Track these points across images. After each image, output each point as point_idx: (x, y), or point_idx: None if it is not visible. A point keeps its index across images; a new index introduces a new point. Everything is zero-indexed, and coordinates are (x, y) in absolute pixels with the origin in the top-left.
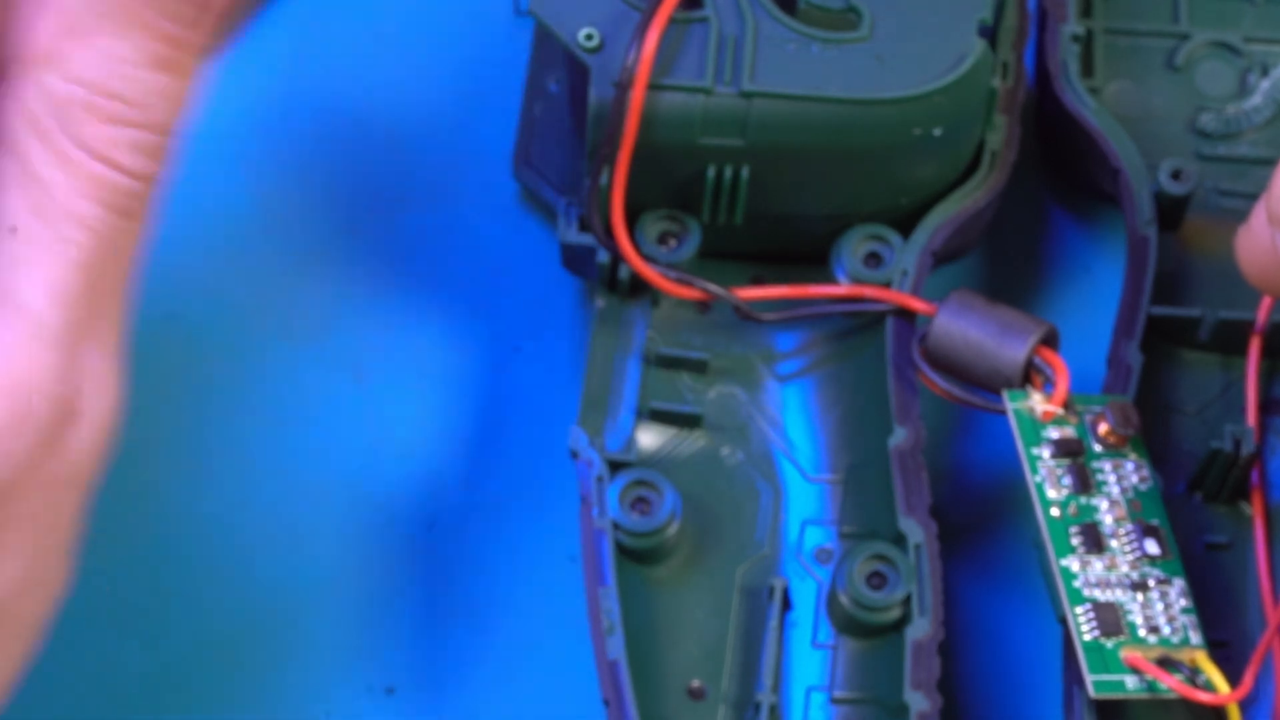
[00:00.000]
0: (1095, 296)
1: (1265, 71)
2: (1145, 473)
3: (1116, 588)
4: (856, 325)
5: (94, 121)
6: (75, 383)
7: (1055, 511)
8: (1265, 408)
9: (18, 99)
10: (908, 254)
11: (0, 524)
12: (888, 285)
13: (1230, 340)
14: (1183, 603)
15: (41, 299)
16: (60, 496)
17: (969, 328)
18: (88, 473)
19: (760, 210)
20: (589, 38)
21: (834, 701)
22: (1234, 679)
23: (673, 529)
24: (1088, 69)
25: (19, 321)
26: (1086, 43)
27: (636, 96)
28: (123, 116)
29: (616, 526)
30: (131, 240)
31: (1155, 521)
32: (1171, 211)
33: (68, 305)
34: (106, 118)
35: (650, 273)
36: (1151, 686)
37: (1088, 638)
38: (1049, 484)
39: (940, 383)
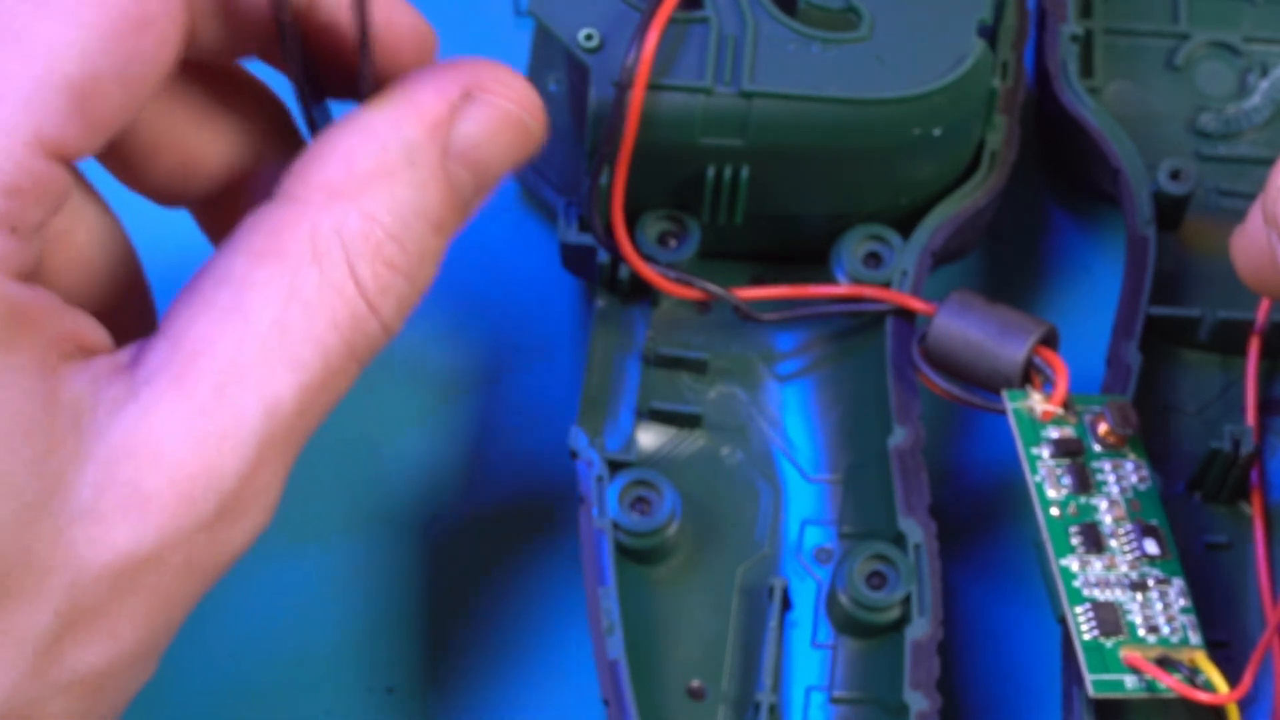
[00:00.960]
0: (1095, 296)
1: (1265, 71)
2: (1145, 473)
3: (1116, 587)
4: (856, 325)
5: (375, 262)
6: (249, 492)
7: (1055, 511)
8: (1264, 408)
9: (308, 220)
10: (907, 254)
11: (133, 590)
12: (887, 285)
13: (1230, 340)
14: (1182, 602)
15: (257, 407)
16: (190, 583)
17: (969, 328)
18: (220, 571)
19: (760, 210)
20: (589, 38)
21: (833, 701)
22: (1233, 679)
23: (673, 529)
24: (1087, 69)
25: (228, 419)
26: (1086, 43)
27: (636, 96)
28: (399, 265)
29: (616, 526)
30: (351, 380)
31: (1154, 521)
32: (1171, 211)
33: (276, 420)
34: (387, 262)
35: (650, 273)
36: (1151, 686)
37: (1087, 637)
38: (1048, 484)
39: (940, 383)
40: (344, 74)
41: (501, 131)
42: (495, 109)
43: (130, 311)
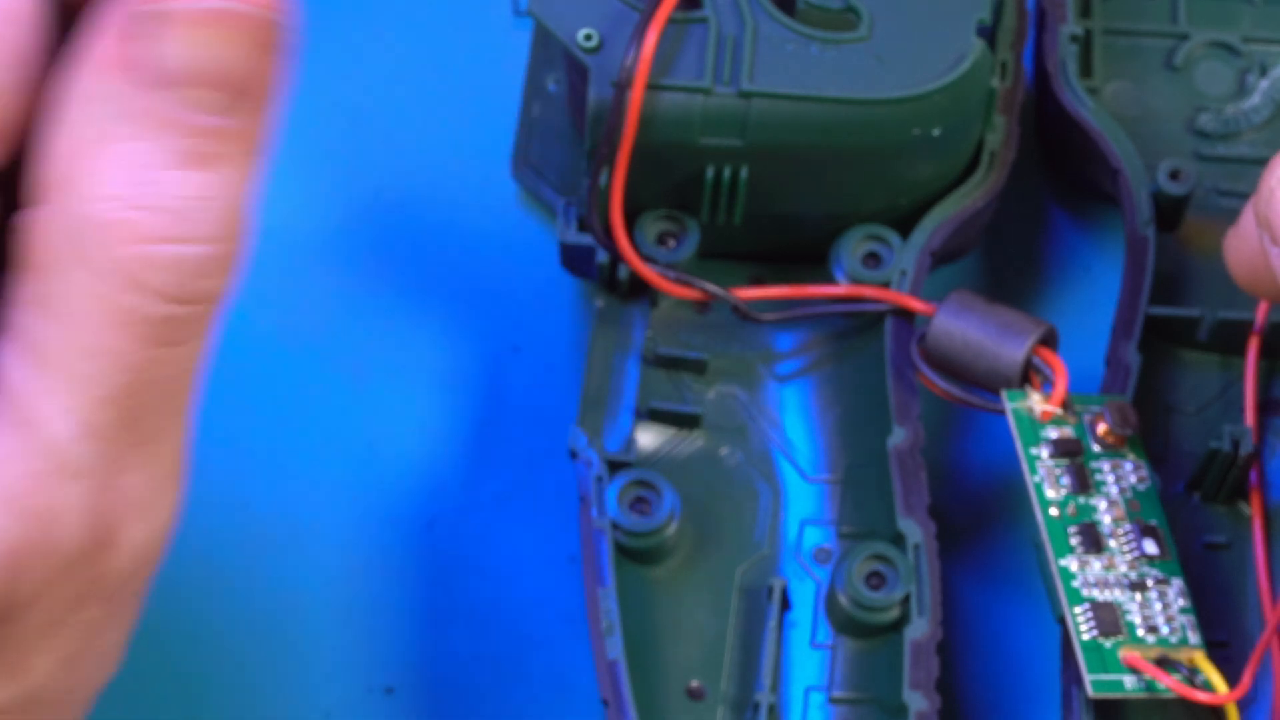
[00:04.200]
0: (1094, 296)
1: (1264, 71)
2: (1144, 473)
3: (1115, 587)
4: (855, 325)
5: (120, 243)
6: (110, 512)
7: (1054, 511)
8: (1264, 408)
9: (36, 228)
10: (907, 254)
11: (23, 637)
12: (887, 285)
13: (1229, 340)
14: (1181, 603)
15: (67, 432)
16: (96, 610)
17: (968, 328)
18: (128, 589)
19: (759, 210)
20: (588, 38)
21: (833, 701)
22: (1232, 679)
23: (672, 529)
24: (1086, 69)
25: (42, 454)
26: (1085, 43)
27: (635, 96)
28: (155, 232)
29: (616, 526)
30: (181, 367)
31: (1154, 521)
32: (1170, 211)
33: (99, 439)
34: (135, 237)
35: (649, 273)
36: (1150, 686)
37: (1086, 637)
38: (1048, 484)
39: (939, 383)
40: None
41: (206, 31)
42: (184, 14)
43: None
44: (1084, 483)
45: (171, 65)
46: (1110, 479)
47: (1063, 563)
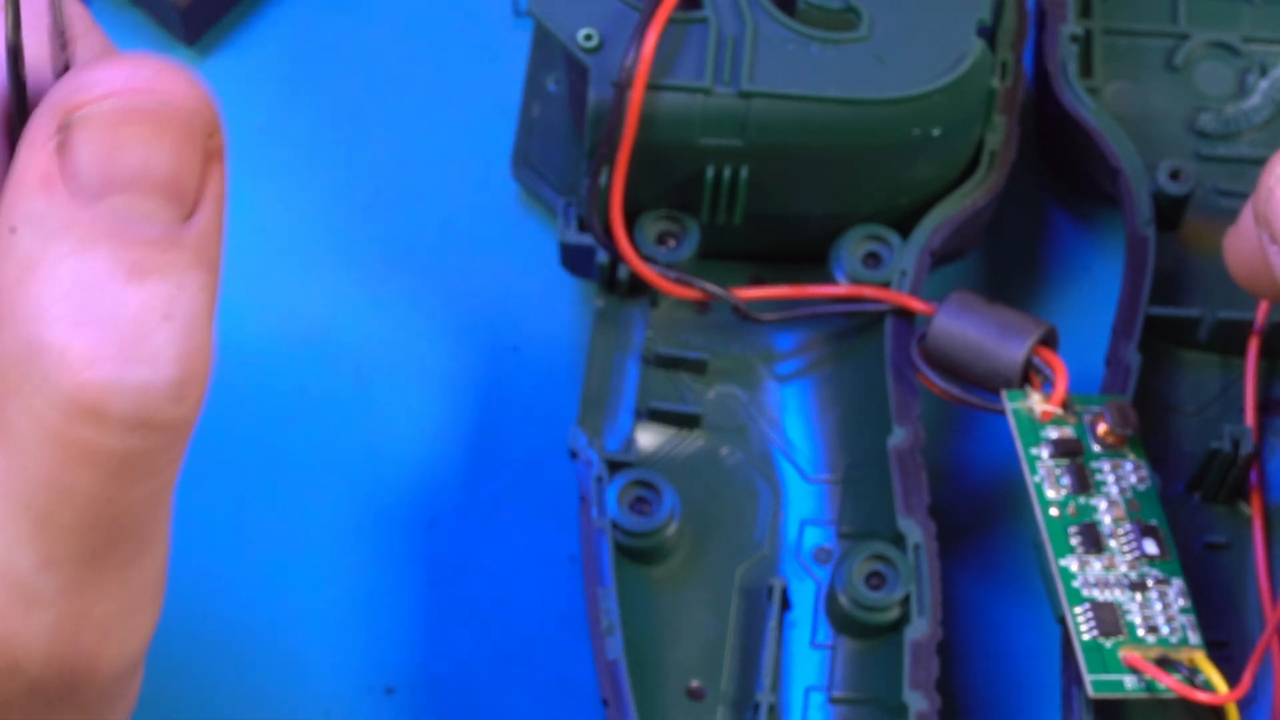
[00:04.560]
0: (1094, 296)
1: (1264, 72)
2: (1144, 473)
3: (1115, 588)
4: (855, 325)
5: (70, 369)
6: (78, 638)
7: (1054, 511)
8: (1264, 408)
9: None
10: (907, 254)
11: None
12: (887, 285)
13: (1229, 340)
14: (1181, 603)
15: (26, 562)
16: (73, 716)
17: (968, 328)
18: (108, 699)
19: (760, 210)
20: (588, 38)
21: (833, 701)
22: (1233, 679)
23: (672, 529)
24: (1087, 69)
25: (13, 590)
26: (1085, 43)
27: (635, 96)
28: (108, 354)
29: (616, 526)
30: (152, 496)
31: (1154, 521)
32: (1170, 211)
33: (60, 569)
34: (86, 361)
35: (649, 273)
36: (1150, 686)
37: (1086, 637)
38: (1048, 484)
39: (939, 383)
40: None
41: (126, 131)
42: (98, 118)
43: None
44: (1084, 483)
45: (98, 173)
46: (1110, 479)
47: (1063, 563)
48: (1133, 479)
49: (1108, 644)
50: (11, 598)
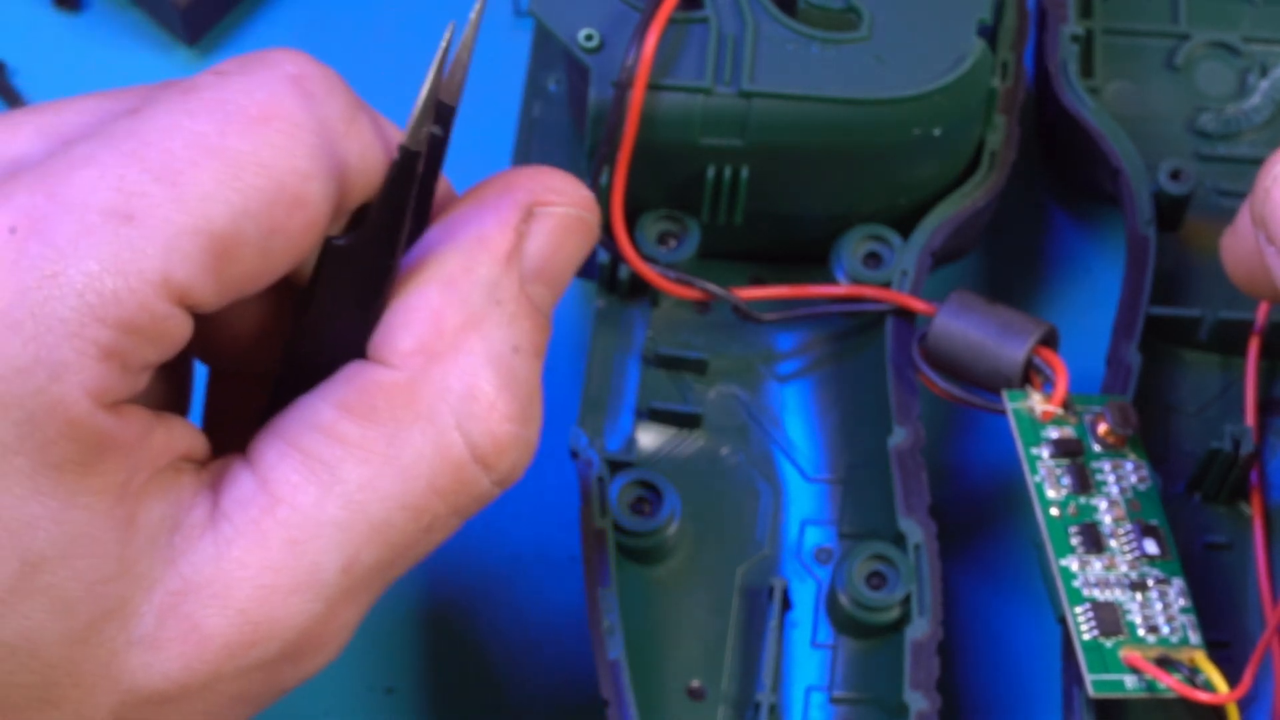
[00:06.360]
0: (1095, 296)
1: (1265, 71)
2: (1144, 473)
3: (1116, 587)
4: (856, 325)
5: (489, 421)
6: (315, 639)
7: (1055, 511)
8: (1264, 408)
9: (405, 387)
10: (907, 254)
11: (181, 713)
12: (887, 285)
13: (1229, 340)
14: (1182, 602)
15: (333, 565)
16: (241, 707)
17: (969, 328)
18: (276, 698)
19: (760, 210)
20: (589, 38)
21: (833, 701)
22: (1233, 679)
23: (673, 529)
24: (1087, 69)
25: (301, 574)
26: (1086, 43)
27: (636, 96)
28: (514, 416)
29: (617, 526)
30: (450, 532)
31: (1154, 521)
32: (1171, 211)
33: (352, 578)
34: (504, 417)
35: (650, 273)
36: (1151, 686)
37: (1087, 637)
38: (1048, 484)
39: (940, 383)
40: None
41: (567, 238)
42: (556, 219)
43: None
44: (1085, 483)
45: (537, 264)
46: (1111, 479)
47: (1063, 563)
48: (1133, 479)
49: (1108, 644)
50: (304, 589)
